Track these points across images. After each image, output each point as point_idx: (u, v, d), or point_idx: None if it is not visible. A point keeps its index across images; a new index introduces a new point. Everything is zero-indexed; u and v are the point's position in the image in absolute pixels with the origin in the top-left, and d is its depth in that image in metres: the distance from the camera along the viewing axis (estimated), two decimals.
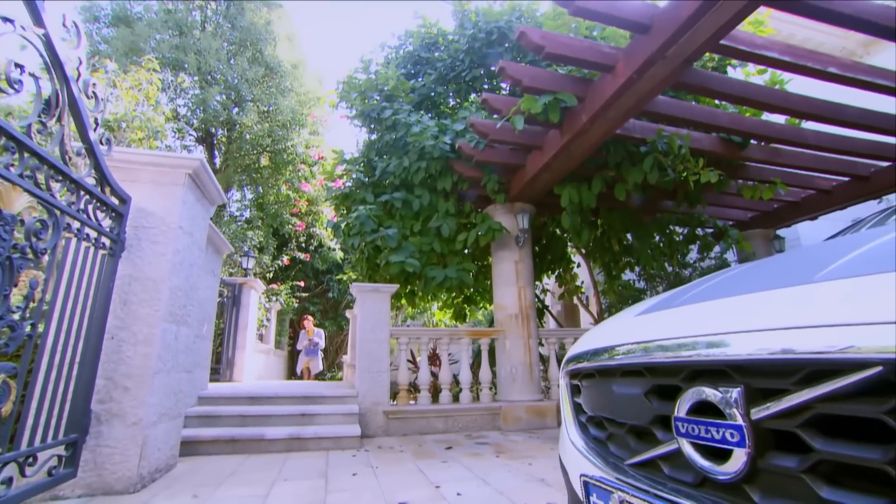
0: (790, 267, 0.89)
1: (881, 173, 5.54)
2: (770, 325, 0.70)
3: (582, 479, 0.98)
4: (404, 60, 6.81)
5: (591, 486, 0.95)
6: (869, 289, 0.64)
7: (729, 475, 0.71)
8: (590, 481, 0.96)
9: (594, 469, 0.98)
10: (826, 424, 0.62)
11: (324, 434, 4.14)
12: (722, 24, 2.97)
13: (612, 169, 5.37)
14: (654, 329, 0.94)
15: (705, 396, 0.75)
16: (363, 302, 5.15)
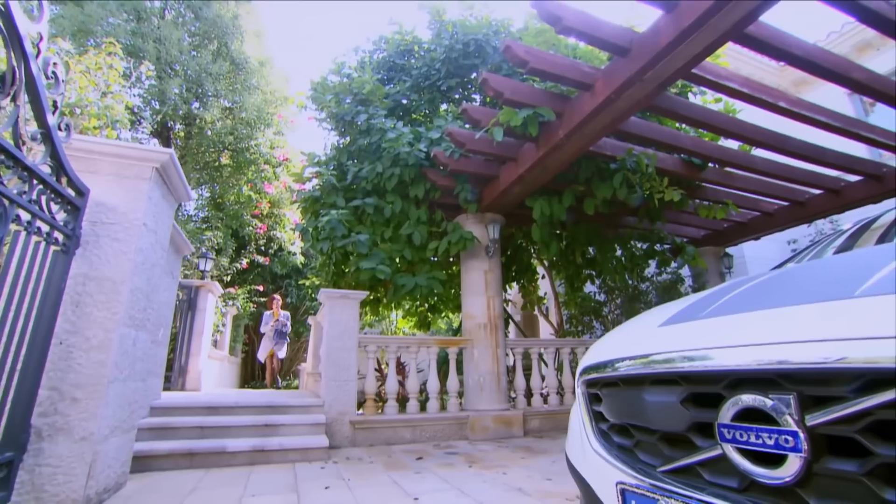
0: (813, 282, 0.94)
1: (815, 200, 6.08)
2: (823, 336, 0.74)
3: (619, 487, 0.99)
4: (379, 66, 6.78)
5: (629, 493, 0.96)
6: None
7: (782, 479, 0.73)
8: (628, 489, 0.96)
9: (624, 476, 0.99)
10: (885, 429, 0.65)
11: (290, 445, 3.96)
12: (695, 53, 3.17)
13: (581, 184, 5.56)
14: (689, 339, 0.97)
15: (754, 404, 0.78)
16: (331, 308, 5.00)
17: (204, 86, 8.13)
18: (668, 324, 1.11)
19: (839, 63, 3.67)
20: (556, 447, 4.46)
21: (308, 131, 54.02)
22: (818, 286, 0.90)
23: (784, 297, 0.92)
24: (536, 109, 4.17)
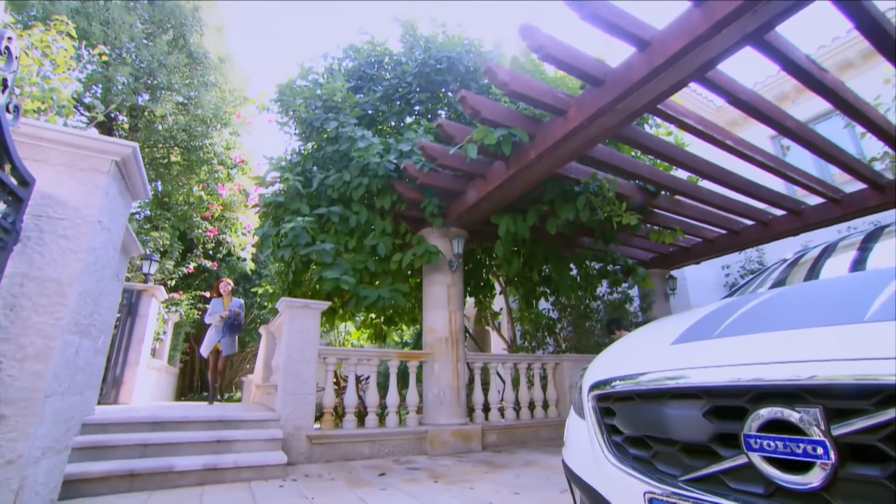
0: (816, 307, 1.05)
1: (748, 230, 6.70)
2: (850, 356, 0.83)
3: (647, 497, 1.03)
4: (348, 74, 6.72)
5: (658, 501, 1.01)
6: None
7: (810, 485, 0.81)
8: (657, 497, 1.01)
9: (649, 486, 1.04)
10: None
11: (245, 463, 3.72)
12: (663, 90, 3.43)
13: (545, 204, 5.76)
14: (709, 357, 1.04)
15: (781, 416, 0.86)
16: (291, 318, 4.81)
17: (157, 77, 7.64)
18: (681, 342, 1.19)
19: (773, 110, 4.11)
20: (516, 461, 4.51)
21: (264, 134, 52.14)
22: (824, 311, 1.00)
23: (794, 319, 1.02)
24: (511, 130, 4.31)
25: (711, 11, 2.71)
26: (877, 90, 5.14)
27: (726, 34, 2.82)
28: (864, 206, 5.44)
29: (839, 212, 5.63)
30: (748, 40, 2.93)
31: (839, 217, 5.69)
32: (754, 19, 2.73)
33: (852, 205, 5.53)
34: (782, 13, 2.70)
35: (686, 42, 2.87)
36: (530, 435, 6.05)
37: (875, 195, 5.33)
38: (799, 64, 3.38)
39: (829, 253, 2.07)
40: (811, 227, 6.04)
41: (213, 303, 6.87)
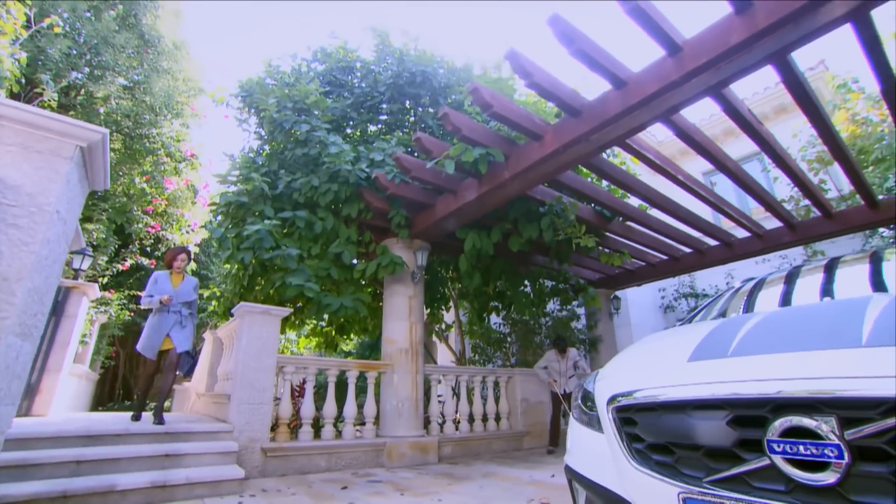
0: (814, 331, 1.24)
1: (687, 257, 7.34)
2: (851, 373, 1.00)
3: (682, 497, 1.14)
4: (318, 77, 6.61)
5: (692, 500, 1.12)
6: None
7: (827, 482, 0.96)
8: (691, 497, 1.13)
9: (675, 488, 1.16)
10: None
11: (198, 478, 3.47)
12: (633, 127, 3.74)
13: (509, 222, 5.98)
14: (731, 373, 1.19)
15: (801, 423, 1.01)
16: (249, 325, 4.59)
17: (101, 55, 7.04)
18: (698, 360, 1.33)
19: (717, 151, 4.61)
20: (475, 473, 4.58)
21: (216, 128, 49.19)
22: (824, 336, 1.19)
23: (800, 342, 1.19)
24: (489, 150, 4.47)
25: (683, 63, 3.03)
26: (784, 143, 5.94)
27: (693, 84, 3.16)
28: (780, 242, 6.19)
29: (761, 245, 6.36)
30: (709, 92, 3.30)
31: (761, 249, 6.43)
32: (717, 75, 3.08)
33: (772, 240, 6.27)
34: (739, 72, 3.08)
35: (659, 86, 3.18)
36: (483, 447, 6.15)
37: (789, 233, 6.09)
38: (743, 115, 3.83)
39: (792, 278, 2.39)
40: (739, 257, 6.75)
41: (157, 277, 4.45)
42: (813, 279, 2.41)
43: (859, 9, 2.61)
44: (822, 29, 2.70)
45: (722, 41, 2.81)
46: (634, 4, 2.72)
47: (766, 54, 2.87)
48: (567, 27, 3.11)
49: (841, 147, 4.30)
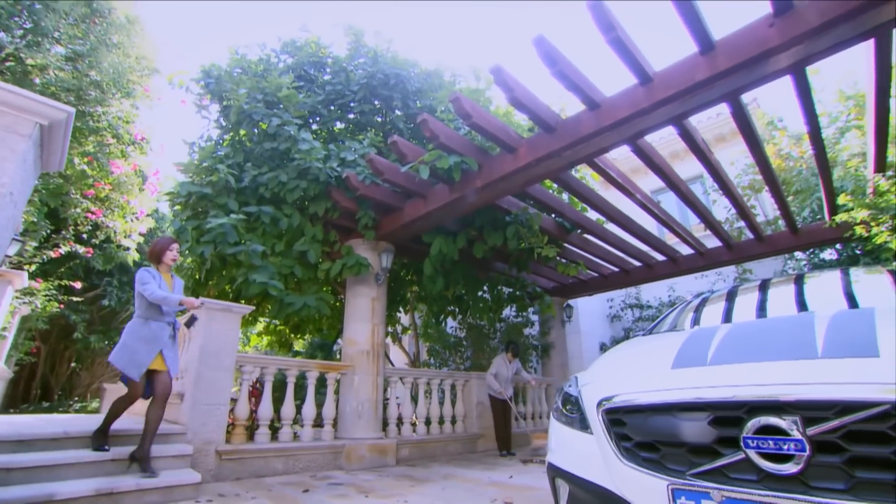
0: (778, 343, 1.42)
1: (636, 270, 7.84)
2: (813, 380, 1.18)
3: (670, 488, 1.28)
4: (288, 70, 6.45)
5: (681, 491, 1.26)
6: (862, 365, 1.18)
7: (791, 471, 1.13)
8: (679, 488, 1.26)
9: (664, 481, 1.30)
10: (854, 436, 1.09)
11: (149, 484, 3.27)
12: (603, 147, 4.00)
13: (475, 229, 6.13)
14: (712, 379, 1.35)
15: (771, 421, 1.17)
16: (209, 322, 4.39)
17: (40, 20, 6.44)
18: (681, 367, 1.49)
19: (672, 174, 5.00)
20: (435, 475, 4.64)
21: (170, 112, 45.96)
22: (786, 348, 1.37)
23: (767, 353, 1.38)
24: (464, 158, 4.57)
25: (653, 92, 3.29)
26: None
27: (660, 112, 3.44)
28: (720, 260, 6.78)
29: (703, 262, 6.93)
30: (672, 121, 3.60)
31: (703, 266, 7.00)
32: (681, 106, 3.38)
33: (712, 258, 6.86)
34: (700, 106, 3.40)
35: (630, 112, 3.43)
36: (440, 449, 6.23)
37: (727, 252, 6.69)
38: (698, 143, 4.21)
39: (732, 296, 2.66)
40: (683, 272, 7.31)
41: (148, 274, 3.52)
42: (750, 297, 2.70)
43: (798, 63, 2.99)
44: (769, 76, 3.05)
45: (688, 77, 3.09)
46: (615, 36, 2.93)
47: (723, 92, 3.19)
48: (550, 49, 3.28)
49: (773, 177, 4.81)
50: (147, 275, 3.53)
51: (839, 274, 2.67)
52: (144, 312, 3.47)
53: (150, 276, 3.53)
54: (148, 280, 3.48)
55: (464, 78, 7.31)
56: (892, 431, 1.06)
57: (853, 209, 4.49)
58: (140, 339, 3.40)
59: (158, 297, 3.41)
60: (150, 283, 3.46)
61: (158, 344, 3.44)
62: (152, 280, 3.50)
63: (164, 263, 3.68)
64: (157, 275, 3.59)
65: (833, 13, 2.55)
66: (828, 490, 1.10)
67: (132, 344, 3.38)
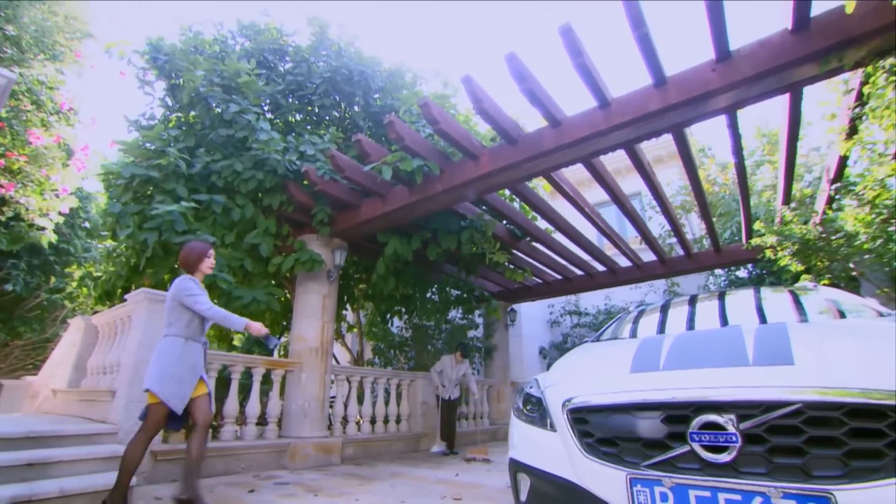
0: (716, 352, 1.65)
1: (578, 279, 8.31)
2: (745, 384, 1.40)
3: (628, 477, 1.45)
4: (246, 54, 6.20)
5: (637, 479, 1.43)
6: (781, 371, 1.42)
7: (726, 460, 1.34)
8: (636, 477, 1.43)
9: (622, 473, 1.47)
10: (773, 430, 1.31)
11: (75, 489, 3.04)
12: (560, 163, 4.26)
13: (430, 231, 6.23)
14: (666, 382, 1.55)
15: (712, 419, 1.38)
16: (149, 314, 4.13)
17: None
18: (638, 372, 1.68)
19: (619, 191, 5.40)
20: (382, 474, 4.67)
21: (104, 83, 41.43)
22: (724, 356, 1.60)
23: (708, 361, 1.60)
24: (427, 162, 4.65)
25: (611, 117, 3.58)
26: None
27: (616, 135, 3.74)
28: (654, 273, 7.39)
29: (640, 275, 7.51)
30: (625, 145, 3.93)
31: (639, 278, 7.59)
32: (635, 132, 3.70)
33: (648, 271, 7.45)
34: (651, 133, 3.73)
35: (589, 132, 3.69)
36: (384, 448, 6.25)
37: (661, 266, 7.30)
38: (644, 166, 4.59)
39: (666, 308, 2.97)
40: (622, 283, 7.87)
41: (195, 285, 3.03)
42: (681, 310, 3.03)
43: (733, 106, 3.41)
44: (710, 113, 3.44)
45: (642, 106, 3.40)
46: (582, 62, 3.16)
47: (671, 123, 3.54)
48: (521, 66, 3.46)
49: (704, 200, 5.35)
50: (194, 285, 2.99)
51: (752, 292, 3.05)
52: (185, 331, 2.95)
53: (198, 288, 3.00)
54: (197, 292, 2.96)
55: (426, 80, 7.39)
56: (802, 425, 1.29)
57: (765, 235, 5.12)
58: (184, 365, 2.89)
59: (219, 316, 2.93)
60: (201, 296, 2.96)
61: (199, 369, 3.00)
62: (201, 293, 2.99)
63: (199, 272, 3.16)
64: (194, 282, 3.04)
65: (763, 67, 2.93)
66: (753, 474, 1.32)
67: (176, 371, 2.85)
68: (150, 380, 2.83)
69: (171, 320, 2.97)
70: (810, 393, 1.32)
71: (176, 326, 2.95)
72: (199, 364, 3.00)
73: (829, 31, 2.72)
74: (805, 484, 1.23)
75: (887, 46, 2.68)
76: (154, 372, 2.85)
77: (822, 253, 4.55)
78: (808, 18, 2.78)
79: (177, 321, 2.96)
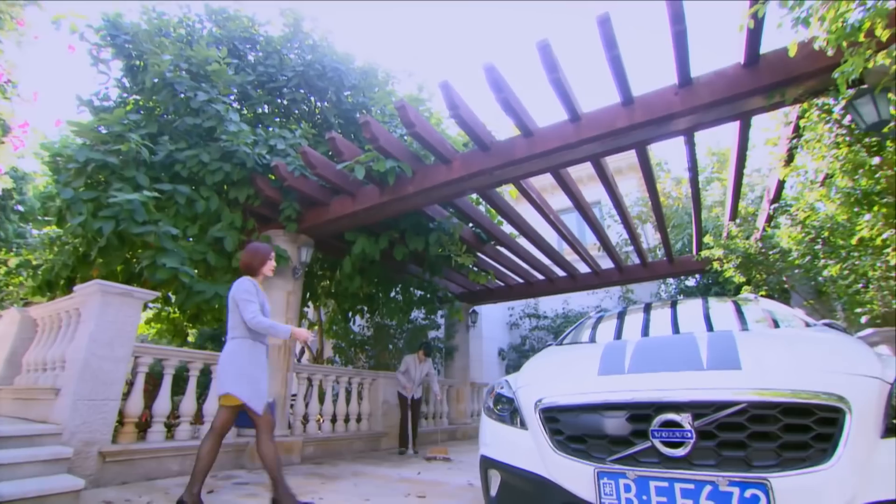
0: (673, 357, 1.82)
1: (539, 283, 8.58)
2: (699, 386, 1.57)
3: (596, 471, 1.57)
4: (214, 41, 5.99)
5: (604, 473, 1.56)
6: (731, 375, 1.59)
7: (681, 454, 1.49)
8: (603, 470, 1.56)
9: (589, 467, 1.60)
10: (723, 427, 1.48)
11: (15, 494, 2.84)
12: (531, 171, 4.42)
13: (398, 231, 6.27)
14: (630, 384, 1.69)
15: (671, 417, 1.53)
16: (103, 307, 3.93)
17: None
18: (606, 374, 1.83)
19: (584, 201, 5.66)
20: (344, 473, 4.67)
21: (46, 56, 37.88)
22: (682, 361, 1.77)
23: (668, 365, 1.76)
24: (400, 163, 4.70)
25: (580, 131, 3.77)
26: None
27: (584, 149, 3.94)
28: (611, 280, 7.76)
29: (598, 281, 7.86)
30: (592, 158, 4.14)
31: (597, 284, 7.94)
32: (602, 146, 3.91)
33: (605, 277, 7.81)
34: (616, 149, 3.96)
35: (559, 144, 3.87)
36: (345, 447, 6.22)
37: (618, 274, 7.67)
38: (609, 178, 4.85)
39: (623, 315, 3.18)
40: (580, 288, 8.20)
41: (254, 288, 3.05)
42: (637, 317, 3.24)
43: (691, 128, 3.70)
44: (671, 134, 3.71)
45: (610, 123, 3.61)
46: (557, 77, 3.32)
47: (635, 141, 3.78)
48: (498, 77, 3.58)
49: (661, 212, 5.70)
50: (252, 288, 3.01)
51: (701, 301, 3.31)
52: (252, 333, 2.98)
53: (255, 294, 2.99)
54: (251, 298, 2.95)
55: (398, 80, 7.40)
56: (745, 422, 1.47)
57: (713, 248, 5.53)
58: (258, 365, 2.97)
59: (263, 325, 2.91)
60: (253, 304, 2.93)
61: (267, 369, 3.08)
62: (255, 300, 2.97)
63: (261, 274, 3.20)
64: (260, 291, 3.08)
65: (719, 95, 3.21)
66: (704, 466, 1.48)
67: (253, 373, 2.92)
68: (227, 384, 2.87)
69: (235, 322, 2.99)
70: (752, 394, 1.50)
71: (241, 329, 2.97)
72: (266, 364, 3.08)
73: (774, 68, 3.02)
74: (747, 473, 1.41)
75: (821, 87, 3.01)
76: (230, 375, 2.88)
77: (761, 266, 4.98)
78: (758, 56, 3.07)
79: (240, 323, 2.97)
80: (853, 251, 4.07)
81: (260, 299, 3.04)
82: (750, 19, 2.42)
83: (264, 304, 3.08)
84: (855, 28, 2.02)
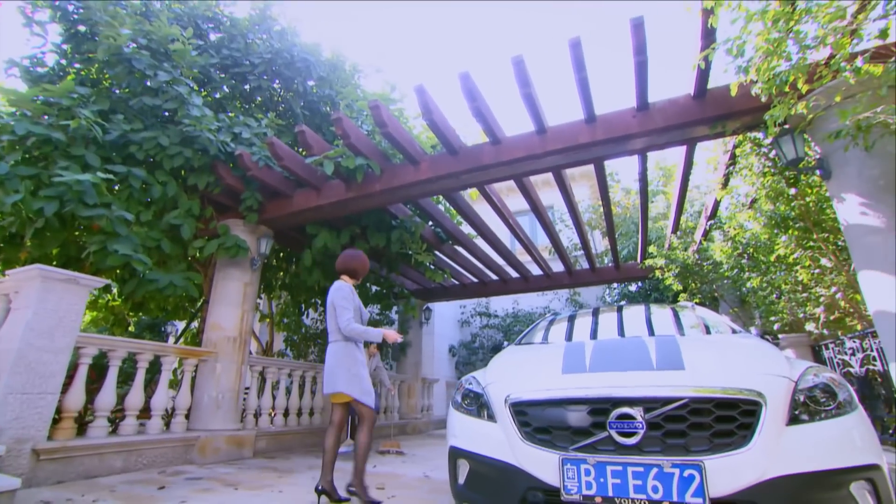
0: (628, 358, 2.05)
1: (493, 283, 8.88)
2: (650, 383, 1.80)
3: (560, 458, 1.76)
4: (177, 19, 5.70)
5: (567, 460, 1.75)
6: (676, 375, 1.85)
7: (633, 443, 1.72)
8: (567, 458, 1.76)
9: (555, 455, 1.79)
10: (668, 419, 1.73)
11: None
12: (496, 177, 4.62)
13: (360, 227, 6.29)
14: (592, 382, 1.90)
15: (626, 411, 1.76)
16: (44, 293, 3.68)
17: None
18: (569, 373, 2.03)
19: (541, 206, 5.95)
20: (299, 467, 4.67)
21: None
22: (635, 361, 2.00)
23: (623, 365, 1.99)
24: (369, 161, 4.74)
25: (546, 142, 4.01)
26: None
27: (548, 160, 4.19)
28: (562, 283, 8.19)
29: (549, 283, 8.26)
30: (554, 169, 4.40)
31: (548, 286, 8.34)
32: (564, 159, 4.18)
33: (556, 280, 8.23)
34: (577, 162, 4.25)
35: (525, 154, 4.10)
36: (297, 441, 6.17)
37: (567, 277, 8.11)
38: (567, 187, 5.16)
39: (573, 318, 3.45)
40: (532, 290, 8.57)
41: (351, 294, 3.18)
42: (586, 321, 3.52)
43: (645, 149, 4.04)
44: (627, 152, 4.04)
45: (574, 137, 3.88)
46: (528, 92, 3.53)
47: (595, 156, 4.08)
48: (472, 86, 3.74)
49: (612, 221, 6.12)
50: (350, 294, 3.15)
51: (644, 307, 3.65)
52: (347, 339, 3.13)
53: (352, 301, 3.12)
54: (348, 305, 3.07)
55: (365, 74, 7.38)
56: (686, 415, 1.73)
57: (656, 257, 6.02)
58: (362, 364, 3.13)
59: (357, 332, 3.03)
60: (349, 312, 3.06)
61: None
62: (351, 305, 3.09)
63: (357, 278, 3.36)
64: (356, 296, 3.19)
65: (671, 122, 3.55)
66: (651, 452, 1.71)
67: (360, 372, 3.09)
68: (340, 384, 3.03)
69: (335, 326, 3.12)
70: (693, 391, 1.76)
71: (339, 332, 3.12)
72: (365, 360, 3.24)
73: (718, 103, 3.40)
74: (686, 457, 1.65)
75: (754, 123, 3.43)
76: (341, 377, 3.04)
77: (697, 276, 5.50)
78: (706, 90, 3.44)
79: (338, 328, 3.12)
80: (771, 266, 4.64)
81: (356, 303, 3.18)
82: (701, 60, 2.73)
83: (360, 307, 3.24)
84: (783, 81, 2.37)
